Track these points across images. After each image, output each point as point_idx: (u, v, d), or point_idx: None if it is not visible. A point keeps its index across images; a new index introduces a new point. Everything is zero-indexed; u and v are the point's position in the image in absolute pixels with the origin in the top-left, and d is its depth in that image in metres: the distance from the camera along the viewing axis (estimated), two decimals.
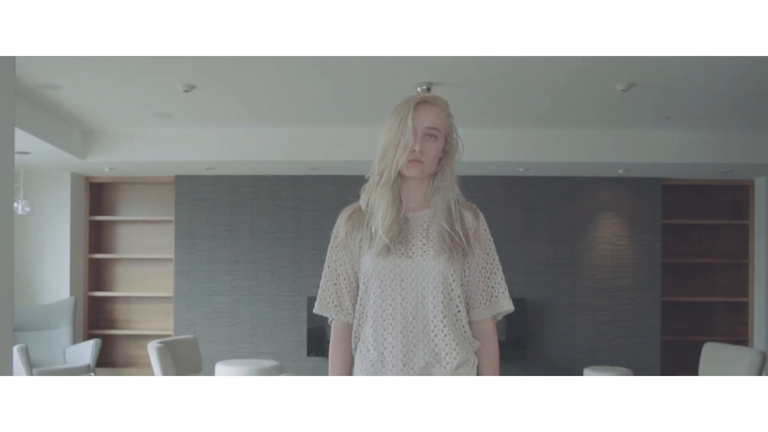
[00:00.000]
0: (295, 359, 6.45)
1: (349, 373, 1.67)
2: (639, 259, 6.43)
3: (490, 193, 6.38)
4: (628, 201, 6.43)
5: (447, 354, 1.56)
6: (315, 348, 6.41)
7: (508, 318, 6.17)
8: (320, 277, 1.72)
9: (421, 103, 1.59)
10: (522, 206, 6.44)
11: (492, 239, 1.68)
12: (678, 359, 6.35)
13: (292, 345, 6.49)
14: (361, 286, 1.65)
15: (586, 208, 6.44)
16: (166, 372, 4.03)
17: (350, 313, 1.67)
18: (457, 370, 1.58)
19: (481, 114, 4.99)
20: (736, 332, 6.59)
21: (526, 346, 6.41)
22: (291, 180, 6.46)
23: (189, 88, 4.26)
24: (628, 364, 6.24)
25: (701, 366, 5.01)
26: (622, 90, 4.14)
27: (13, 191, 1.71)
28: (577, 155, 5.58)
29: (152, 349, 4.09)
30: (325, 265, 1.70)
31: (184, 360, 4.37)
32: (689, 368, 5.04)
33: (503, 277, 1.68)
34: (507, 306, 1.68)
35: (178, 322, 6.47)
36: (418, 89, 4.17)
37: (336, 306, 1.66)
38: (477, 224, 1.66)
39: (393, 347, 1.58)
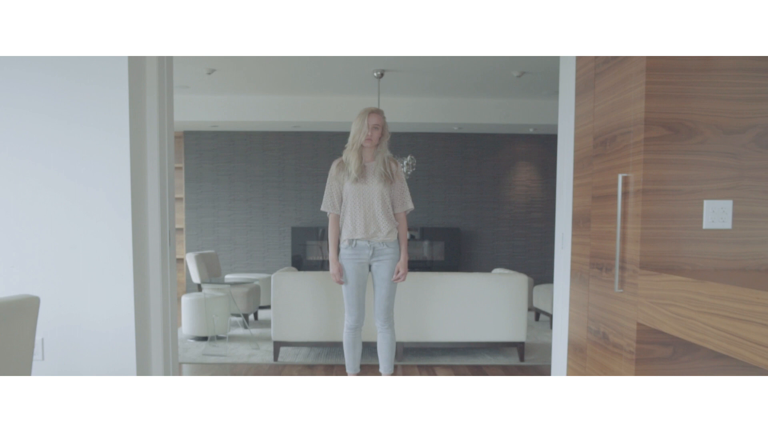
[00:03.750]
0: None
1: (339, 237, 3.44)
2: (547, 197, 8.20)
3: (433, 146, 8.03)
4: (538, 153, 8.15)
5: (383, 226, 3.36)
6: (298, 268, 7.98)
7: (447, 243, 8.23)
8: (301, 211, 3.54)
9: (371, 112, 3.32)
10: (457, 156, 8.09)
11: (403, 175, 3.46)
12: None
13: (280, 266, 8.12)
14: (344, 198, 3.40)
15: (506, 158, 8.14)
16: (201, 272, 5.75)
17: (339, 210, 3.43)
18: (387, 234, 3.37)
19: (425, 88, 6.60)
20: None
21: (460, 264, 8.22)
22: (278, 135, 7.93)
23: (210, 71, 5.82)
24: (536, 277, 8.14)
25: None
26: (517, 76, 5.89)
27: (173, 167, 2.87)
28: (497, 118, 7.21)
29: (191, 257, 5.79)
30: (326, 186, 3.43)
31: (210, 266, 6.08)
32: None
33: (409, 193, 3.45)
34: (410, 206, 3.46)
35: (188, 247, 8.07)
36: (375, 74, 5.84)
37: (332, 206, 3.43)
38: (397, 169, 3.42)
39: (359, 224, 3.35)
